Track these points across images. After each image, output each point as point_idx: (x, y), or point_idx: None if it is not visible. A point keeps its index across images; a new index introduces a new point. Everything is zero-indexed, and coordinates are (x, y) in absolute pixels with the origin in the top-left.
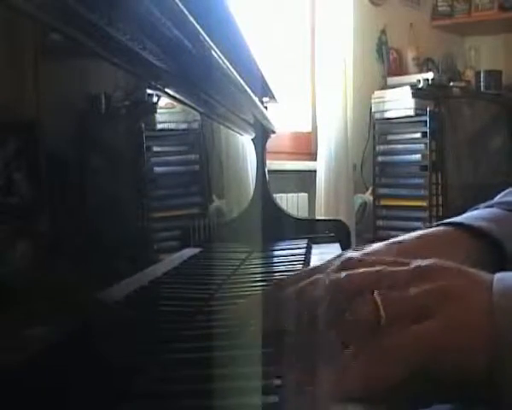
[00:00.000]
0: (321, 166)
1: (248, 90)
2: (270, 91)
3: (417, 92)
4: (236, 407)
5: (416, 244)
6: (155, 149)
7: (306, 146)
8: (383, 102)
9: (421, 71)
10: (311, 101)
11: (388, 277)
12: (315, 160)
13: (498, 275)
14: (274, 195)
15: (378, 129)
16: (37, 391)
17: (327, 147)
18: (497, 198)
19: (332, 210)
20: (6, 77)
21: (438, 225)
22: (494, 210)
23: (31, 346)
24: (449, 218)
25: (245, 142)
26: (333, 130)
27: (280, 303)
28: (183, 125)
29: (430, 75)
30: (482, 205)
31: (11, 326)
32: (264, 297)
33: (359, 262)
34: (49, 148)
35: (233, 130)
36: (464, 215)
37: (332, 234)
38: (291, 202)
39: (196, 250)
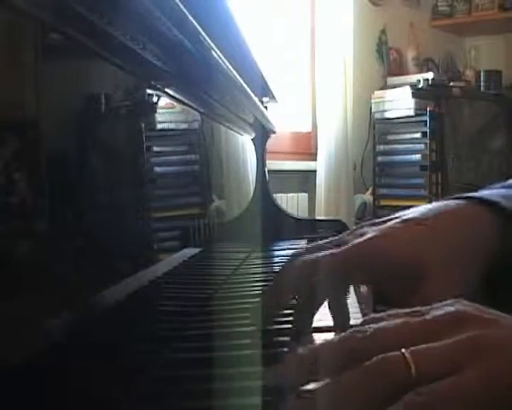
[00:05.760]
0: (321, 166)
1: (248, 90)
2: (270, 91)
3: (417, 92)
4: (236, 408)
5: (443, 224)
6: (155, 149)
7: (306, 146)
8: (383, 102)
9: (421, 71)
10: (311, 101)
11: (412, 330)
12: (315, 160)
13: None
14: (274, 195)
15: (378, 129)
16: (37, 391)
17: (327, 147)
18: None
19: (332, 210)
20: (6, 77)
21: (454, 198)
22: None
23: (30, 345)
24: None
25: (245, 142)
26: (333, 130)
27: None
28: (183, 125)
29: (430, 75)
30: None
31: (11, 325)
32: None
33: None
34: (49, 148)
35: (233, 130)
36: (482, 192)
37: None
38: (291, 202)
39: (196, 250)
